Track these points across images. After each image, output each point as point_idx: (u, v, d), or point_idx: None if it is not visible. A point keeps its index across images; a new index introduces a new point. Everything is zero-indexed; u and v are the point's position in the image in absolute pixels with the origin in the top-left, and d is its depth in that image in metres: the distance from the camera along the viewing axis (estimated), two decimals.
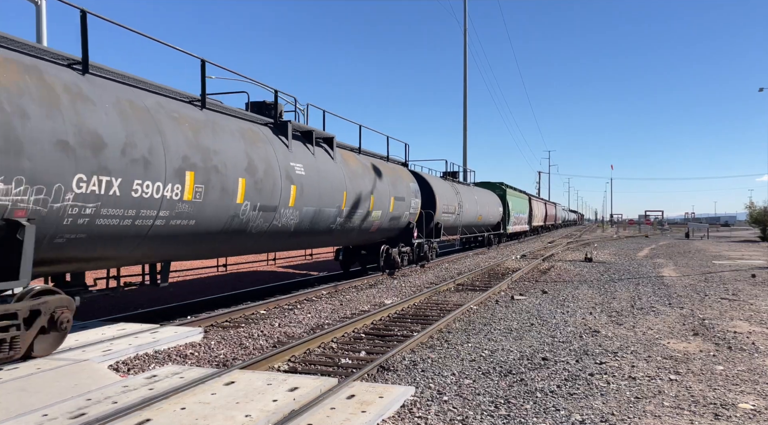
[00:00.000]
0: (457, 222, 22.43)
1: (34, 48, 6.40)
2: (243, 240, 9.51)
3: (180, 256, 8.72)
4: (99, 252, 6.93)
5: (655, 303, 11.36)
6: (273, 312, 10.17)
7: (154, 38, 8.01)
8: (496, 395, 5.54)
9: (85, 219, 6.36)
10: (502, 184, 35.13)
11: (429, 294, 12.36)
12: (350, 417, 4.65)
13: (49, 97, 6.01)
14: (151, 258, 8.14)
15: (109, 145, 6.52)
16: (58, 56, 6.64)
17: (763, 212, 46.15)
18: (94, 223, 6.48)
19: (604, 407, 5.20)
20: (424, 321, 9.52)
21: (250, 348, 7.56)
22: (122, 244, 7.14)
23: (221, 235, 8.78)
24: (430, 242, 18.90)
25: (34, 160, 5.74)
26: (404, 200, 15.93)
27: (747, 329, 8.82)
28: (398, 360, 6.81)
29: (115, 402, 4.87)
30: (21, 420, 4.45)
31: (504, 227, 33.27)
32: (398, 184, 15.69)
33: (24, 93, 5.76)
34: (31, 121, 5.74)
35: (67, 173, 6.05)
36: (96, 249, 6.84)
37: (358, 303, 11.20)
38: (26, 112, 5.71)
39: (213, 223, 8.40)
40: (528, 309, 10.52)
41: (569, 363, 6.74)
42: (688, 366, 6.66)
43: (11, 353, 5.83)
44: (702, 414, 5.06)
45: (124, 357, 6.67)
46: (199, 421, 4.46)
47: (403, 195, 15.92)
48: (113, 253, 7.20)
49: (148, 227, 7.27)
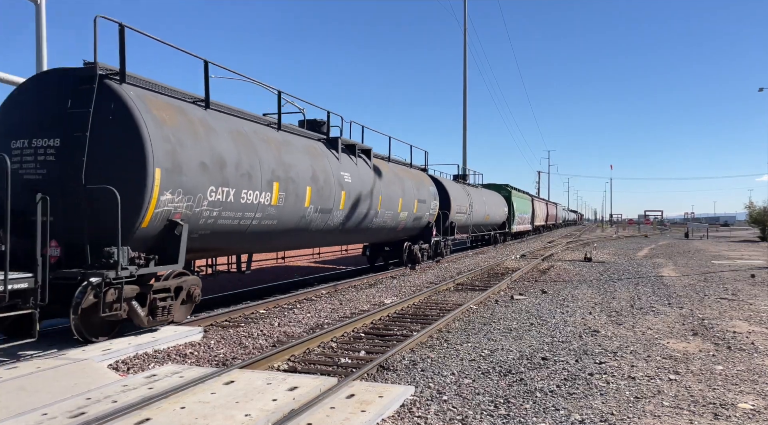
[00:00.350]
0: (468, 222, 24.10)
1: (173, 90, 8.39)
2: (306, 236, 11.59)
3: (264, 249, 11.24)
4: (215, 245, 9.00)
5: (655, 303, 11.37)
6: (273, 312, 10.17)
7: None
8: (495, 394, 5.54)
9: (211, 220, 8.31)
10: (507, 186, 36.51)
11: (428, 294, 12.36)
12: (350, 417, 4.65)
13: (193, 130, 7.96)
14: (245, 250, 10.46)
15: (228, 163, 8.46)
16: (186, 96, 8.62)
17: (763, 212, 46.18)
18: (216, 223, 8.44)
19: (604, 407, 5.21)
20: (424, 320, 9.52)
21: (249, 347, 7.56)
22: (231, 239, 9.14)
23: (292, 232, 10.78)
24: (446, 239, 20.64)
25: (187, 177, 7.63)
26: (425, 202, 17.79)
27: (746, 329, 8.83)
28: (398, 359, 6.81)
29: (115, 401, 4.87)
30: (21, 419, 4.45)
31: (509, 226, 34.71)
32: (421, 188, 17.59)
33: (181, 128, 7.70)
34: (185, 148, 7.67)
35: (205, 186, 7.99)
36: (215, 243, 8.85)
37: (358, 303, 11.20)
38: (183, 142, 7.65)
39: (289, 223, 10.38)
40: (527, 309, 10.53)
41: (569, 362, 6.75)
42: (688, 366, 6.66)
43: (169, 317, 7.82)
44: (701, 414, 5.06)
45: (124, 357, 6.67)
46: (199, 420, 4.46)
47: (425, 198, 17.76)
48: (224, 245, 9.38)
49: (247, 226, 9.18)
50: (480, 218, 26.46)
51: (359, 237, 15.22)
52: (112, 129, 6.98)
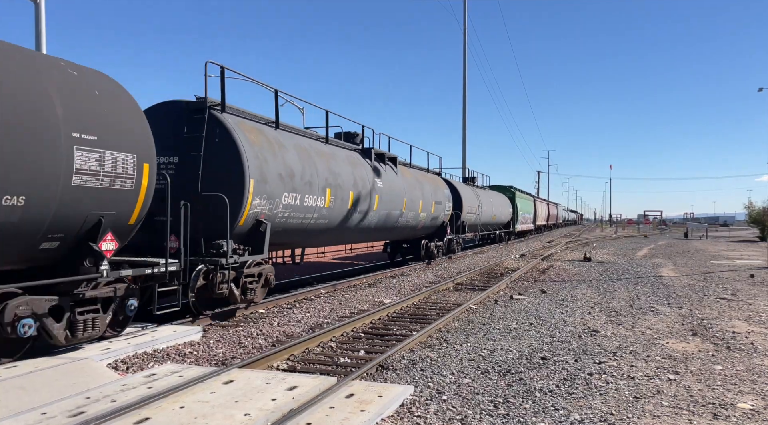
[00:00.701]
0: (477, 221, 25.96)
1: (253, 115, 10.29)
2: (347, 234, 13.62)
3: (315, 244, 13.40)
4: (285, 240, 10.93)
5: (654, 303, 11.37)
6: (272, 312, 10.16)
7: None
8: (495, 394, 5.54)
9: (284, 219, 10.20)
10: (511, 187, 38.40)
11: (428, 293, 12.36)
12: (349, 416, 4.64)
13: (271, 148, 9.92)
14: (302, 244, 12.34)
15: (295, 174, 10.41)
16: (261, 118, 10.53)
17: (762, 212, 46.19)
18: (286, 222, 10.33)
19: (603, 407, 5.21)
20: (423, 320, 9.52)
21: (249, 347, 7.56)
22: (296, 235, 11.07)
23: (338, 230, 12.64)
24: (458, 237, 22.61)
25: (269, 185, 9.55)
26: (441, 203, 19.65)
27: (746, 329, 8.83)
28: (397, 359, 6.81)
29: (114, 400, 4.87)
30: (20, 418, 4.44)
31: (513, 226, 36.58)
32: (437, 191, 19.53)
33: (263, 147, 9.68)
34: (268, 163, 9.61)
35: (281, 192, 9.90)
36: (284, 238, 10.76)
37: (357, 303, 11.20)
38: (266, 158, 9.62)
39: (336, 222, 12.26)
40: (527, 309, 10.53)
41: (568, 362, 6.74)
42: (687, 366, 6.66)
43: (255, 298, 9.64)
44: (701, 414, 5.06)
45: (123, 356, 6.66)
46: (198, 420, 4.45)
47: (441, 199, 19.65)
48: (290, 240, 11.34)
49: (307, 224, 11.09)
50: (488, 218, 28.12)
51: (387, 235, 16.83)
52: (219, 149, 8.92)
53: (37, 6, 10.22)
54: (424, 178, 18.81)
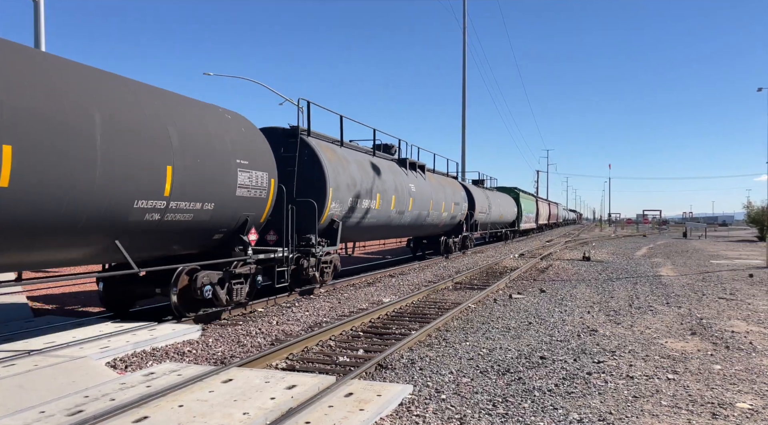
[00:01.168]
0: (487, 220, 28.60)
1: (325, 136, 13.07)
2: (388, 230, 16.38)
3: (364, 239, 16.00)
4: (347, 235, 13.72)
5: (653, 303, 11.37)
6: (271, 310, 10.16)
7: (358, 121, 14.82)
8: (494, 394, 5.54)
9: (348, 218, 12.93)
10: (515, 188, 41.37)
11: (427, 293, 12.36)
12: (348, 415, 4.64)
13: (341, 163, 12.64)
14: (356, 239, 15.24)
15: (357, 183, 13.15)
16: (328, 138, 13.25)
17: (761, 212, 46.24)
18: (349, 221, 13.02)
19: (602, 406, 5.21)
20: (423, 319, 9.52)
21: (248, 345, 7.55)
22: (354, 231, 13.86)
23: (383, 227, 15.50)
24: (471, 235, 25.35)
25: (341, 192, 12.29)
26: (458, 204, 22.37)
27: (744, 328, 8.83)
28: (396, 358, 6.81)
29: (113, 399, 4.87)
30: (18, 416, 4.44)
31: (518, 225, 39.32)
32: (455, 193, 22.39)
33: (335, 162, 12.31)
34: (339, 175, 12.30)
35: (347, 197, 12.63)
36: (347, 233, 13.46)
37: (356, 302, 11.20)
38: (338, 171, 12.32)
39: (382, 221, 15.03)
40: (526, 308, 10.52)
41: (567, 362, 6.74)
42: (686, 365, 6.66)
43: (327, 279, 12.32)
44: (700, 414, 5.06)
45: (122, 355, 6.66)
46: (197, 419, 4.45)
47: (458, 201, 22.42)
48: (349, 236, 14.09)
49: (362, 222, 13.84)
50: (496, 217, 30.80)
51: (417, 231, 19.52)
52: (308, 165, 11.58)
53: (35, 4, 10.20)
54: (445, 181, 21.75)
